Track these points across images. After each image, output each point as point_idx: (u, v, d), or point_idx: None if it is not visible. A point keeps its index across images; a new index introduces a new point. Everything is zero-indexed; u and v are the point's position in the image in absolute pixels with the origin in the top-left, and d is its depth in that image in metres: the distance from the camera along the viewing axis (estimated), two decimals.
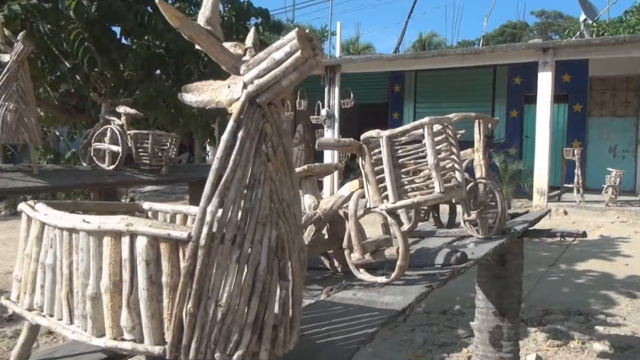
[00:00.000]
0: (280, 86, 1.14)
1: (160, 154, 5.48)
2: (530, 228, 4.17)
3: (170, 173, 5.51)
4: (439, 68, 15.53)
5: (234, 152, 1.15)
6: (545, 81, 13.20)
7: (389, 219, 2.12)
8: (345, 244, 2.25)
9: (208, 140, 7.86)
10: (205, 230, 1.13)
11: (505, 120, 16.47)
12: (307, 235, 2.41)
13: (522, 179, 13.93)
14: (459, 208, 3.57)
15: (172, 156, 5.57)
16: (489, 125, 3.83)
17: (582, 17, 18.68)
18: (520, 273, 4.40)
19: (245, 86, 1.17)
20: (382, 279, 2.16)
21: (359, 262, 2.20)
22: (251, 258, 1.17)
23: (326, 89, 16.15)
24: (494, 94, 16.94)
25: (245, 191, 1.17)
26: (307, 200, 2.41)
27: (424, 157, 2.04)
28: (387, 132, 2.06)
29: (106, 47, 5.89)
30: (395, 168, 2.06)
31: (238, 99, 1.17)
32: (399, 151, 2.07)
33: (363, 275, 2.22)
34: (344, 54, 23.03)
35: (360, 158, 2.16)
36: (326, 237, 2.53)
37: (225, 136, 1.15)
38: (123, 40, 6.46)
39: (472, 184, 3.46)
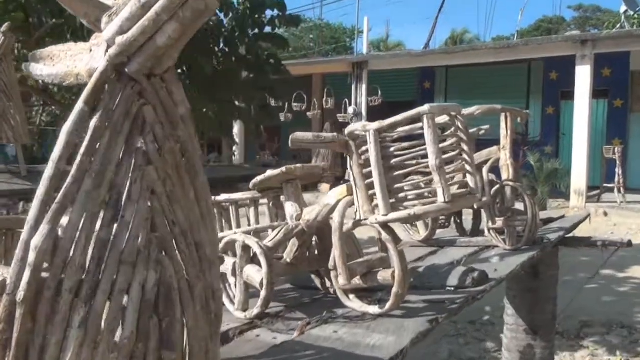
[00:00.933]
0: (156, 45, 0.72)
1: None
2: (567, 235, 3.73)
3: None
4: (471, 64, 15.06)
5: (81, 150, 0.73)
6: (583, 76, 12.65)
7: (383, 234, 1.68)
8: (331, 263, 1.82)
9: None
10: (27, 275, 0.70)
11: (541, 117, 15.91)
12: (290, 251, 2.00)
13: (559, 179, 13.32)
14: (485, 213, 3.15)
15: None
16: (519, 120, 3.39)
17: (623, 8, 17.90)
18: (555, 286, 3.99)
19: (108, 48, 0.75)
20: (374, 309, 1.72)
21: (346, 287, 1.77)
22: (108, 319, 0.74)
23: (353, 87, 15.87)
24: (529, 90, 16.37)
25: (102, 212, 0.74)
26: (288, 209, 2.00)
27: (425, 156, 1.59)
28: (375, 125, 1.62)
29: None
30: (389, 171, 1.62)
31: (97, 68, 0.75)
32: (391, 149, 1.63)
33: (353, 303, 1.79)
34: (374, 52, 22.59)
35: (348, 158, 1.73)
36: (316, 252, 2.13)
37: (67, 126, 0.73)
38: None
39: (497, 186, 3.03)
